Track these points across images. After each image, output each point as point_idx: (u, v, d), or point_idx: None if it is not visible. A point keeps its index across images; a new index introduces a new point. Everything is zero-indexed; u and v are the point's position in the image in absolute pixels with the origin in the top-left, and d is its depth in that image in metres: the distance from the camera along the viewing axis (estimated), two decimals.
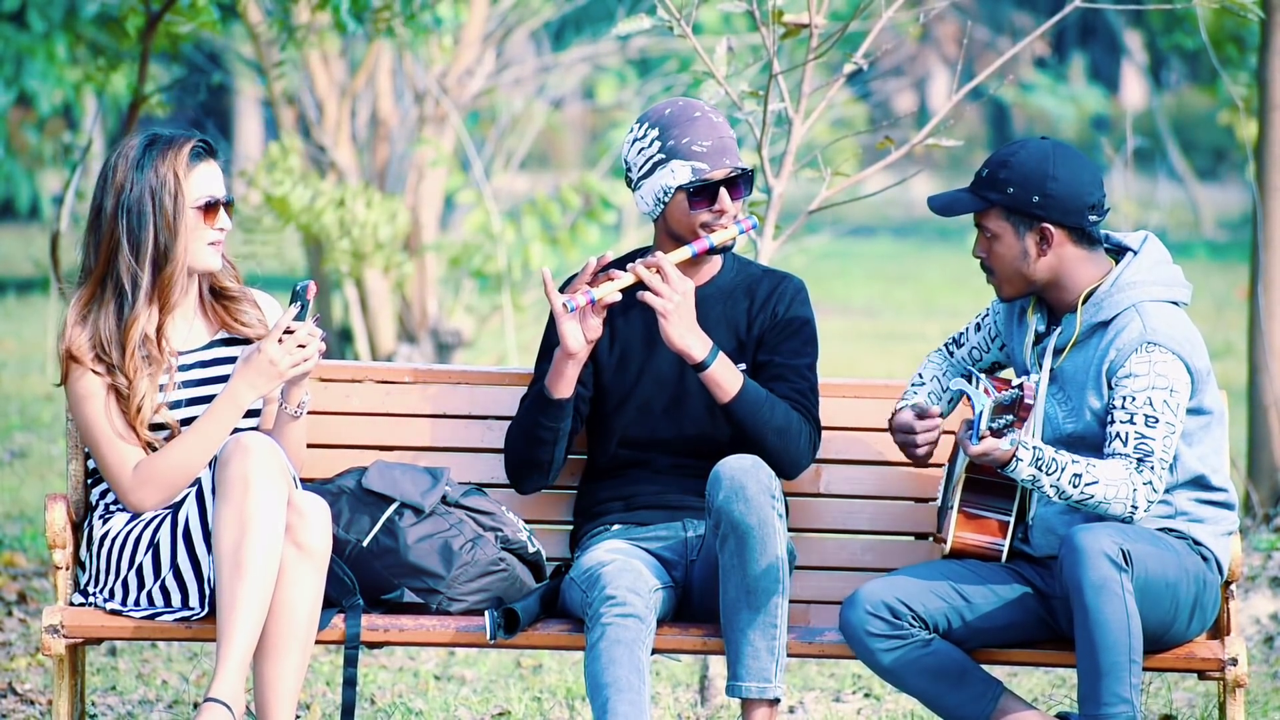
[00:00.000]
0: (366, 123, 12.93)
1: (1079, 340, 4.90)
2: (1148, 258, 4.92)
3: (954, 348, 5.21)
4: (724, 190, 5.08)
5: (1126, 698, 4.65)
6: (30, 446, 11.08)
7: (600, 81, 16.61)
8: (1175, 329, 4.83)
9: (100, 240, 4.95)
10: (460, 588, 5.02)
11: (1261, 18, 6.29)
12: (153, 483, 4.91)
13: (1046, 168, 4.86)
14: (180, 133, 5.00)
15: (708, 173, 5.06)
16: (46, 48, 14.06)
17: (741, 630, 4.86)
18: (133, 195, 4.92)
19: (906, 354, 15.84)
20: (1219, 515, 4.92)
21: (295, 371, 4.90)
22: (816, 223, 17.36)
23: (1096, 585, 4.66)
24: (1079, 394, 4.88)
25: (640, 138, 5.11)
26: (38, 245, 18.66)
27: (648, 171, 5.10)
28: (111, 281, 4.94)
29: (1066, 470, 4.73)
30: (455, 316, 13.01)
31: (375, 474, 5.10)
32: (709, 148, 5.06)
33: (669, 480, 5.16)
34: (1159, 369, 4.80)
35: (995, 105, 34.67)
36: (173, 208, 4.94)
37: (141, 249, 4.93)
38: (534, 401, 5.14)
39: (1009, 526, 4.95)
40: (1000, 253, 4.91)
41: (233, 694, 4.67)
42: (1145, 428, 4.78)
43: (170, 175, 4.93)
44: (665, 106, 5.11)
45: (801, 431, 5.10)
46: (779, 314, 5.18)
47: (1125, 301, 4.86)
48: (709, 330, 5.14)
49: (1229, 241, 24.98)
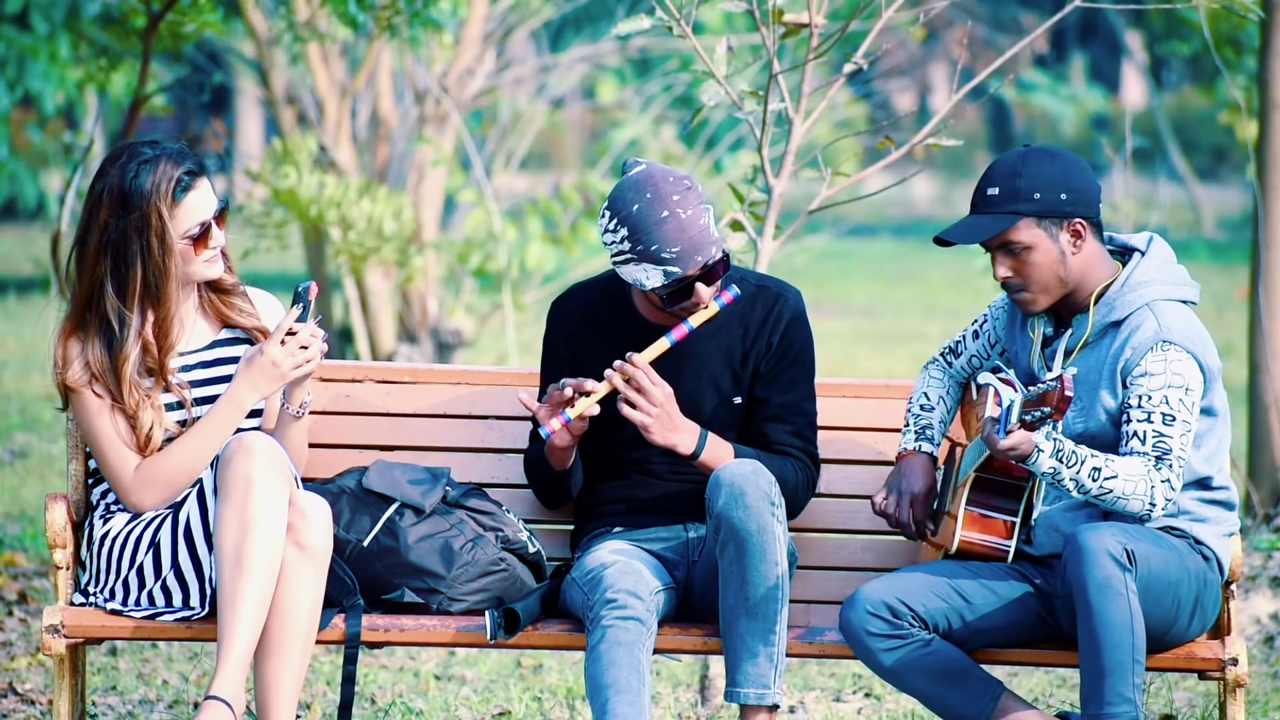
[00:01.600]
0: (367, 122, 12.93)
1: (1090, 341, 4.90)
2: (1156, 257, 4.92)
3: (951, 358, 5.19)
4: (700, 286, 5.00)
5: (1129, 697, 4.65)
6: (30, 446, 11.08)
7: (600, 81, 16.62)
8: (1189, 328, 4.84)
9: (83, 274, 4.89)
10: (460, 588, 5.02)
11: (1262, 18, 6.30)
12: (154, 483, 4.90)
13: (1055, 168, 4.86)
14: (168, 153, 4.88)
15: (680, 275, 4.97)
16: (50, 48, 14.07)
17: (740, 636, 4.86)
18: (116, 234, 4.85)
19: (906, 354, 15.84)
20: (1221, 515, 4.92)
21: (298, 373, 4.90)
22: (817, 223, 17.36)
23: (1100, 585, 4.66)
24: (1090, 394, 4.88)
25: (610, 229, 5.00)
26: (38, 245, 18.67)
27: (621, 262, 5.01)
28: (96, 315, 4.90)
29: (1086, 463, 4.72)
30: (455, 316, 13.01)
31: (376, 474, 5.10)
32: (678, 252, 4.94)
33: (670, 483, 5.15)
34: (1174, 367, 4.80)
35: (996, 105, 34.66)
36: (160, 249, 4.86)
37: (127, 290, 4.86)
38: (540, 458, 5.14)
39: (1015, 527, 4.94)
40: (1037, 262, 4.88)
41: (233, 692, 4.67)
42: (1163, 425, 4.78)
43: (155, 215, 4.84)
44: (633, 200, 4.97)
45: (798, 482, 5.10)
46: (774, 344, 5.13)
47: (1138, 301, 4.86)
48: (702, 364, 5.11)
49: (1229, 241, 24.97)
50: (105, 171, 4.89)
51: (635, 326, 5.13)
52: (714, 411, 5.12)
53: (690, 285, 4.99)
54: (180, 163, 4.89)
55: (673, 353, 5.07)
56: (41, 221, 20.64)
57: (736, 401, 5.12)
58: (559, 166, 25.96)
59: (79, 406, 4.92)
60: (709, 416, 5.11)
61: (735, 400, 5.12)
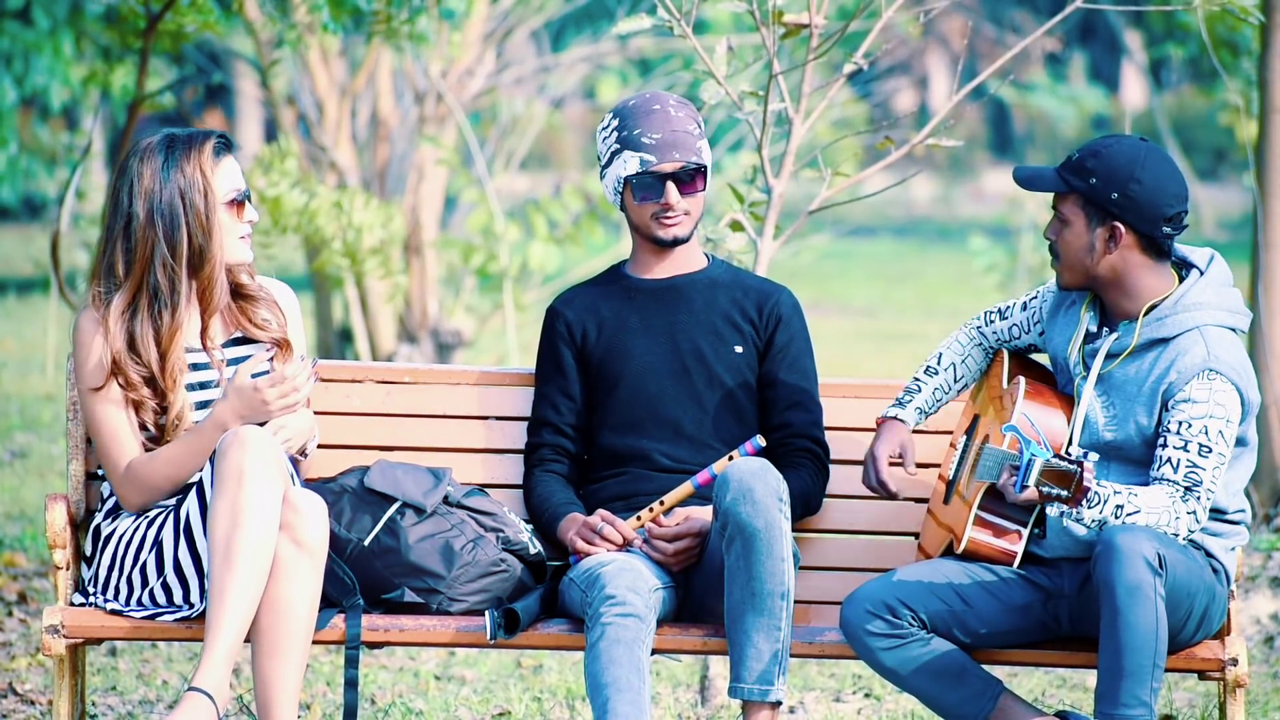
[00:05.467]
0: (367, 123, 12.93)
1: (1134, 351, 4.88)
2: (1213, 279, 4.87)
3: (995, 318, 5.15)
4: (670, 184, 5.12)
5: (1146, 701, 4.64)
6: (30, 446, 11.08)
7: (601, 81, 16.61)
8: (1236, 359, 4.80)
9: (133, 247, 4.93)
10: (461, 588, 5.02)
11: (1261, 20, 6.29)
12: (137, 485, 4.94)
13: (1134, 169, 4.80)
14: (197, 130, 4.99)
15: (654, 165, 5.10)
16: (53, 44, 14.07)
17: (745, 632, 4.86)
18: (163, 199, 4.91)
19: (906, 354, 15.84)
20: (1233, 530, 4.91)
21: (284, 412, 4.93)
22: (817, 223, 17.36)
23: (1131, 587, 4.63)
24: (1125, 405, 4.85)
25: (605, 126, 5.18)
26: (38, 245, 18.66)
27: (608, 161, 5.18)
28: (148, 290, 4.93)
29: (1109, 503, 4.68)
30: (455, 316, 13.01)
31: (377, 473, 5.10)
32: (658, 140, 5.10)
33: (667, 479, 5.16)
34: (1218, 398, 4.76)
35: (996, 105, 34.66)
36: (204, 207, 4.93)
37: (177, 253, 4.92)
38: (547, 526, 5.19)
39: (1025, 536, 4.92)
40: (1068, 239, 4.87)
41: (216, 685, 4.66)
42: (1198, 457, 4.74)
43: (198, 174, 4.93)
44: (633, 99, 5.17)
45: (816, 487, 5.20)
46: (772, 323, 5.23)
47: (1190, 322, 4.81)
48: (700, 316, 5.18)
49: (1229, 242, 24.95)
50: (138, 153, 4.94)
51: (639, 299, 5.22)
52: (716, 356, 5.18)
53: (663, 182, 5.09)
54: (213, 134, 5.00)
55: (670, 309, 5.18)
56: (39, 222, 20.64)
57: (738, 350, 5.16)
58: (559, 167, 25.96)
59: (94, 394, 4.93)
60: (711, 360, 5.17)
61: (736, 349, 5.16)
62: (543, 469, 5.24)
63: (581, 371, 5.24)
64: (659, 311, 5.21)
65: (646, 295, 5.23)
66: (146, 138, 4.98)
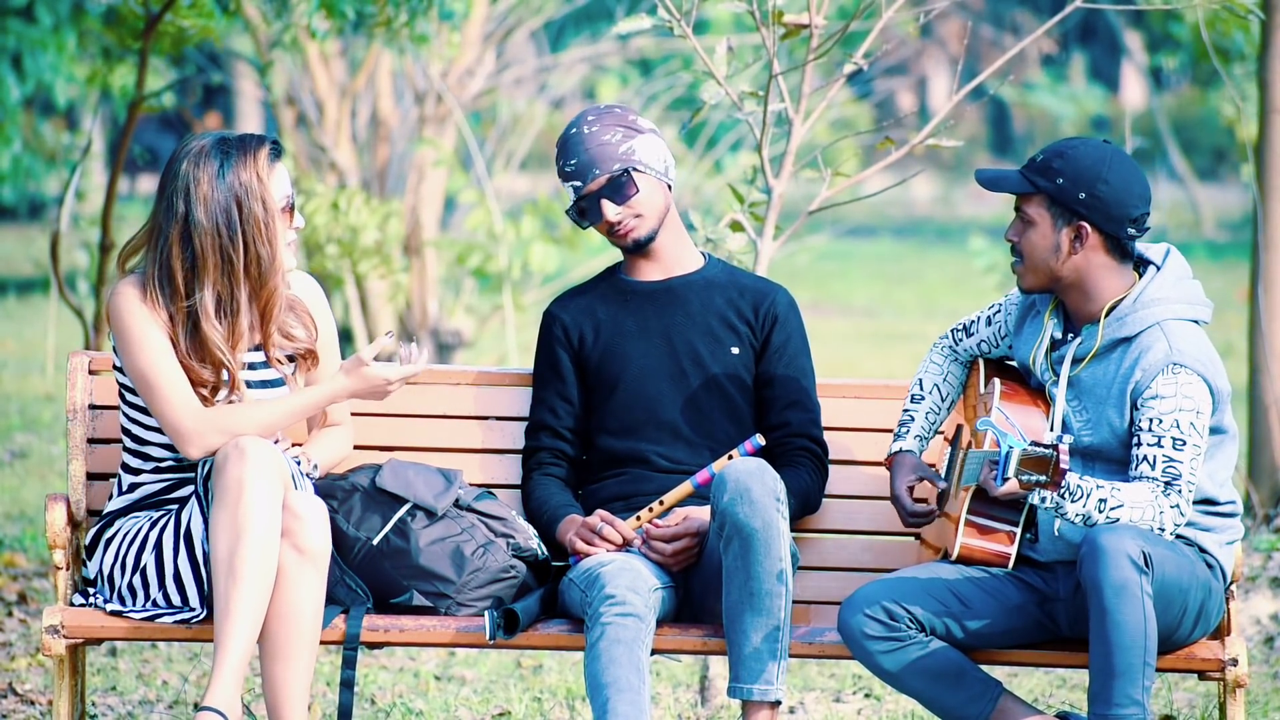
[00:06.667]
0: (367, 123, 12.94)
1: (1099, 353, 4.88)
2: (1170, 273, 4.88)
3: (962, 336, 5.18)
4: (605, 201, 5.14)
5: (1138, 700, 4.64)
6: (30, 446, 11.08)
7: (600, 81, 16.61)
8: (1200, 350, 4.80)
9: (197, 254, 4.84)
10: (470, 593, 5.01)
11: (1262, 19, 6.30)
12: (218, 426, 4.83)
13: (1101, 169, 4.81)
14: (248, 135, 4.91)
15: (583, 189, 5.15)
16: (56, 41, 14.08)
17: (744, 632, 4.86)
18: (222, 204, 4.83)
19: (906, 354, 15.84)
20: (1226, 524, 4.91)
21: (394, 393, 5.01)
22: (817, 223, 17.36)
23: (1117, 586, 4.64)
24: (1097, 407, 4.86)
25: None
26: (38, 246, 18.66)
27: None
28: (211, 296, 4.86)
29: (1092, 496, 4.69)
30: (455, 316, 13.02)
31: (389, 473, 5.08)
32: (578, 165, 5.14)
33: (666, 479, 5.16)
34: (1185, 390, 4.77)
35: (996, 105, 34.67)
36: (264, 214, 4.86)
37: (236, 259, 4.85)
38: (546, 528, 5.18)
39: (1016, 537, 4.92)
40: (1033, 241, 4.87)
41: (227, 702, 4.66)
42: (1173, 450, 4.75)
43: (255, 180, 4.85)
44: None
45: (815, 486, 5.19)
46: (768, 321, 5.23)
47: (1150, 319, 4.83)
48: (697, 318, 5.18)
49: (1229, 242, 24.97)
50: (190, 157, 4.84)
51: (634, 302, 5.23)
52: (713, 358, 5.19)
53: (598, 202, 5.13)
54: (267, 139, 4.93)
55: (666, 312, 5.19)
56: (41, 222, 20.65)
57: (735, 352, 5.16)
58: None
59: (138, 344, 4.84)
60: (708, 362, 5.18)
61: (733, 350, 5.16)
62: (541, 472, 5.24)
63: (579, 375, 5.25)
64: (655, 314, 5.22)
65: (642, 298, 5.24)
66: (195, 140, 4.88)
